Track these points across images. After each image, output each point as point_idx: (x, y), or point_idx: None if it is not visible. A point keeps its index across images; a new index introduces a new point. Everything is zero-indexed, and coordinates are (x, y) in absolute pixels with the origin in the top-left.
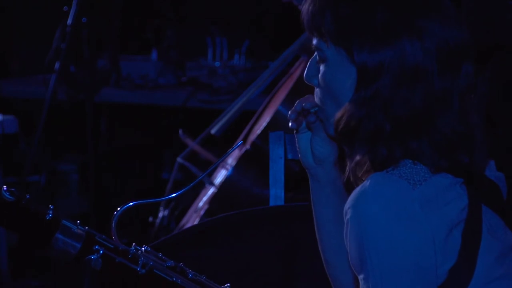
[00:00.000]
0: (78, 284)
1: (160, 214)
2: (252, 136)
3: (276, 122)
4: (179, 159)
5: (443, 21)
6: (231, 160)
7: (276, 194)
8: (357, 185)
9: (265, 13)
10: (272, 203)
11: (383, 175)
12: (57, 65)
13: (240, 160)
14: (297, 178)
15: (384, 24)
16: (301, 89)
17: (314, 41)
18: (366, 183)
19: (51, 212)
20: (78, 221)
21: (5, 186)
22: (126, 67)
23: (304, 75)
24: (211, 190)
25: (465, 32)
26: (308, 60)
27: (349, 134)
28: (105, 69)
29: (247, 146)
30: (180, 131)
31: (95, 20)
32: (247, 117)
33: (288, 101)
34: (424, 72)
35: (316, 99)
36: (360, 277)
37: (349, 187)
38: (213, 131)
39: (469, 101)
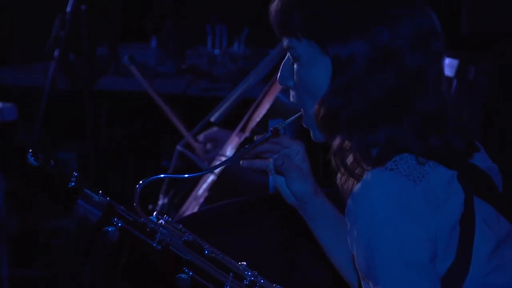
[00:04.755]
0: (78, 273)
1: (160, 202)
2: (252, 124)
3: (276, 110)
4: (178, 147)
5: (410, 4)
6: (230, 148)
7: None
8: (354, 178)
9: (264, 1)
10: (271, 190)
11: (385, 172)
12: (56, 53)
13: (240, 148)
14: None
15: (353, 13)
16: None
17: (285, 42)
18: (368, 180)
19: (74, 179)
20: (100, 191)
21: (30, 150)
22: (125, 55)
23: (278, 78)
24: (210, 178)
25: (431, 12)
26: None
27: (329, 123)
28: (105, 57)
29: (247, 133)
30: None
31: (95, 8)
32: (246, 104)
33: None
34: (397, 55)
35: (294, 101)
36: (367, 275)
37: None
38: (212, 119)
39: (442, 79)
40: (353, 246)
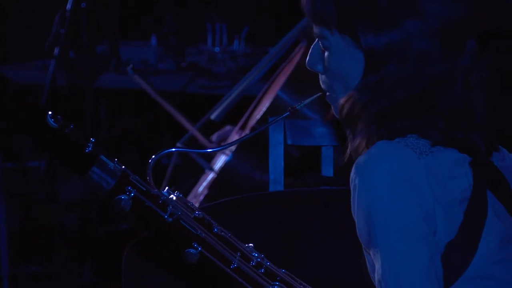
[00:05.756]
0: (78, 270)
1: None
2: (252, 122)
3: (276, 108)
4: (178, 145)
5: (445, 0)
6: None
7: (276, 180)
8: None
9: None
10: (271, 188)
11: (390, 142)
12: (56, 51)
13: (240, 146)
14: (296, 163)
15: (387, 8)
16: (301, 74)
17: (316, 29)
18: (372, 149)
19: (91, 145)
20: (116, 159)
21: (50, 112)
22: (125, 53)
23: (307, 62)
24: (210, 176)
25: (466, 9)
26: (308, 46)
27: (352, 118)
28: (105, 55)
29: (247, 131)
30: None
31: (95, 5)
32: (246, 102)
33: (287, 87)
34: (428, 54)
35: (323, 85)
36: (368, 243)
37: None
38: (212, 117)
39: (472, 79)
40: (355, 214)
